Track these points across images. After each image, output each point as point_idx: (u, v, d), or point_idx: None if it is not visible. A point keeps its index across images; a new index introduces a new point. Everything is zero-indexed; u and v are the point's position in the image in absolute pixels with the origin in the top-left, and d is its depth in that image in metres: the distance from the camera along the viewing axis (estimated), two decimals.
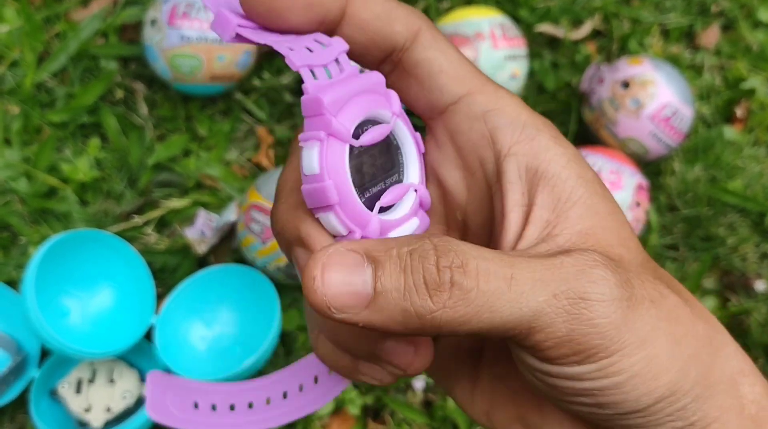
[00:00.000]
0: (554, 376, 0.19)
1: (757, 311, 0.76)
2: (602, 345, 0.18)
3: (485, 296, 0.17)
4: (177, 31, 0.71)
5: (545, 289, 0.17)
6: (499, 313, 0.17)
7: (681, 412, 0.20)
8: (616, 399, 0.19)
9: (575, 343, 0.18)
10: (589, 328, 0.18)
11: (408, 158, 0.22)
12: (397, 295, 0.17)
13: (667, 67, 0.76)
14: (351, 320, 0.17)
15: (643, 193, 0.72)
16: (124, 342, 0.65)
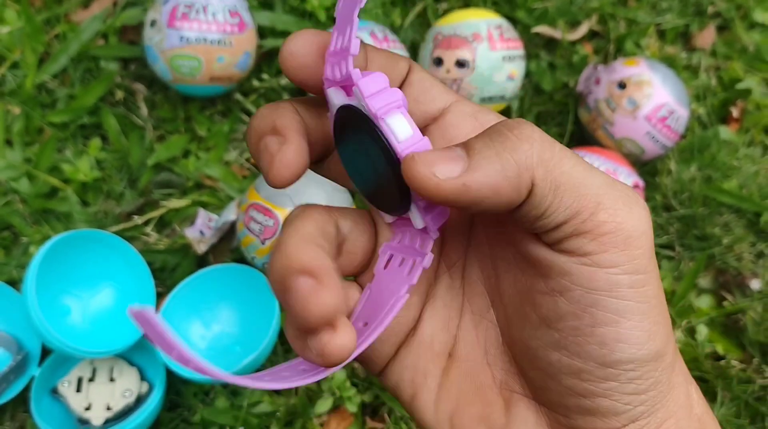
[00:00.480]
0: (592, 278, 0.20)
1: (752, 310, 0.76)
2: (642, 253, 0.20)
3: (563, 151, 0.20)
4: (177, 32, 0.72)
5: (605, 175, 0.21)
6: (580, 174, 0.20)
7: (657, 387, 0.21)
8: (627, 336, 0.20)
9: (628, 237, 0.20)
10: (638, 225, 0.20)
11: None
12: (489, 149, 0.19)
13: (663, 68, 0.77)
14: (451, 185, 0.19)
15: (639, 192, 0.73)
16: (124, 341, 0.65)
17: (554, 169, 0.20)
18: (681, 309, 0.76)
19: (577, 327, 0.20)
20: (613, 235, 0.20)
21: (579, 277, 0.20)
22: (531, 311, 0.22)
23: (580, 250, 0.20)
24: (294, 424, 0.69)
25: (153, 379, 0.68)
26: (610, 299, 0.20)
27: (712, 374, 0.74)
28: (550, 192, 0.19)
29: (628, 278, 0.20)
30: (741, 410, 0.73)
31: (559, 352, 0.21)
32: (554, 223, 0.20)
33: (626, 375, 0.20)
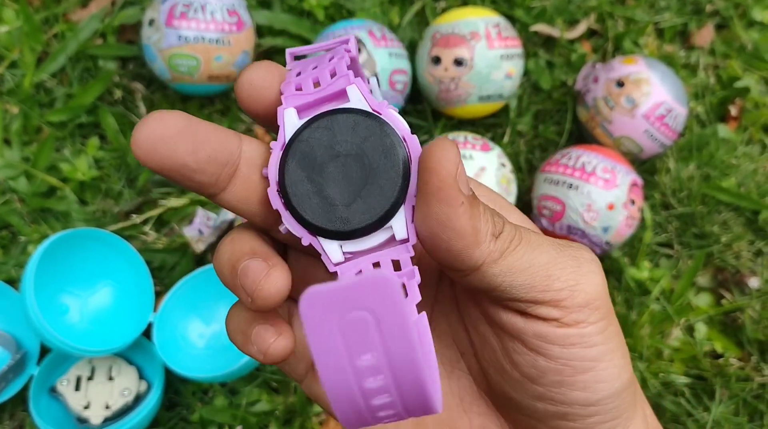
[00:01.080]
0: (565, 345, 0.21)
1: (750, 308, 0.76)
2: (600, 303, 0.21)
3: (518, 238, 0.21)
4: (175, 31, 0.72)
5: (551, 246, 0.22)
6: (528, 256, 0.21)
7: (626, 413, 0.23)
8: (603, 376, 0.22)
9: (584, 294, 0.21)
10: (589, 280, 0.21)
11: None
12: (475, 210, 0.20)
13: (662, 66, 0.77)
14: (458, 192, 0.20)
15: (637, 190, 0.73)
16: (122, 339, 0.65)
17: (510, 256, 0.21)
18: (679, 307, 0.76)
19: (560, 380, 0.22)
20: (572, 298, 0.21)
21: (554, 337, 0.21)
22: (511, 369, 0.23)
23: (547, 315, 0.21)
24: (293, 423, 0.70)
25: (152, 378, 0.68)
26: (585, 349, 0.22)
27: (711, 372, 0.74)
28: (501, 274, 0.21)
29: (595, 327, 0.22)
30: (739, 408, 0.73)
31: (544, 402, 0.22)
32: (512, 296, 0.21)
33: (607, 407, 0.22)
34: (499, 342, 0.23)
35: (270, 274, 0.20)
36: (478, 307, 0.23)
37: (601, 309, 0.22)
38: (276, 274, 0.20)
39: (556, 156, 0.76)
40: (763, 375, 0.74)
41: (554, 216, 0.72)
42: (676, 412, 0.73)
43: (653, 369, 0.74)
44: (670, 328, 0.76)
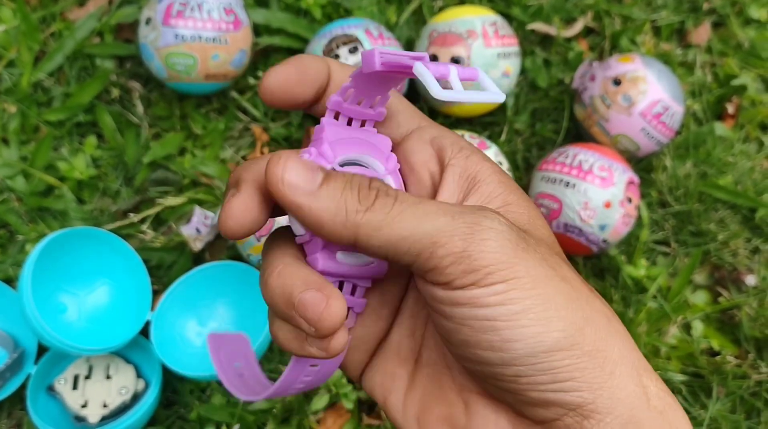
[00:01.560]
0: (456, 304, 0.22)
1: (747, 305, 0.77)
2: (495, 268, 0.21)
3: (399, 208, 0.21)
4: (172, 30, 0.72)
5: (446, 213, 0.22)
6: (408, 225, 0.21)
7: (583, 374, 0.22)
8: (515, 335, 0.21)
9: (471, 260, 0.21)
10: (482, 247, 0.21)
11: None
12: (335, 191, 0.21)
13: (658, 65, 0.77)
14: (295, 200, 0.21)
15: (633, 188, 0.73)
16: (120, 338, 0.66)
17: (383, 229, 0.22)
18: (676, 305, 0.76)
19: (464, 340, 0.22)
20: (456, 265, 0.21)
21: (442, 298, 0.22)
22: (435, 332, 0.25)
23: (435, 280, 0.22)
24: (290, 422, 0.70)
25: (149, 377, 0.69)
26: (476, 309, 0.22)
27: (708, 370, 0.74)
28: (383, 245, 0.22)
29: (487, 289, 0.21)
30: (736, 406, 0.73)
31: (469, 363, 0.23)
32: (404, 262, 0.22)
33: (536, 367, 0.22)
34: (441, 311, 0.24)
35: (330, 306, 0.22)
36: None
37: (496, 273, 0.21)
38: (334, 304, 0.22)
39: (552, 154, 0.76)
40: (760, 372, 0.74)
41: (551, 214, 0.73)
42: None
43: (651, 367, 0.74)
44: (667, 325, 0.76)
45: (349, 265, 0.24)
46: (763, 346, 0.76)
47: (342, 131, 0.25)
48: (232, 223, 0.22)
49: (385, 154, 0.25)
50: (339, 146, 0.24)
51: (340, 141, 0.24)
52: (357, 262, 0.24)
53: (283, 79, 0.24)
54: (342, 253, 0.24)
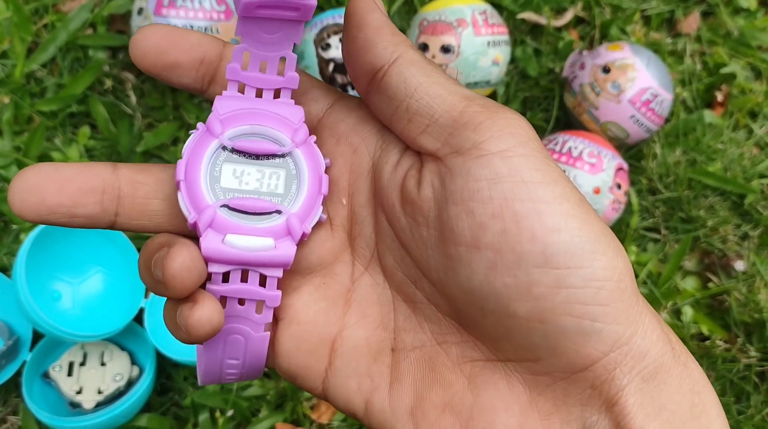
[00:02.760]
0: (496, 176, 0.20)
1: (737, 291, 0.77)
2: (524, 145, 0.21)
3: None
4: (164, 20, 0.72)
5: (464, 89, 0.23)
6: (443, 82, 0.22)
7: (622, 302, 0.20)
8: (557, 223, 0.19)
9: (501, 111, 0.21)
10: (512, 120, 0.21)
11: (301, 191, 0.23)
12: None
13: (647, 52, 0.77)
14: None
15: (623, 174, 0.74)
16: (114, 325, 0.66)
17: (419, 62, 0.22)
18: (666, 291, 0.77)
19: (503, 229, 0.19)
20: (491, 121, 0.20)
21: (478, 170, 0.20)
22: (454, 247, 0.20)
23: (467, 142, 0.20)
24: (284, 408, 0.70)
25: (143, 363, 0.69)
26: (520, 185, 0.19)
27: (698, 354, 0.75)
28: (417, 73, 0.21)
29: (524, 159, 0.20)
30: (726, 389, 0.74)
31: (498, 273, 0.20)
32: (427, 108, 0.21)
33: (576, 274, 0.19)
34: (434, 222, 0.21)
35: (169, 253, 0.20)
36: (407, 199, 0.22)
37: (527, 144, 0.20)
38: (174, 250, 0.20)
39: (542, 142, 0.76)
40: (749, 356, 0.75)
41: None
42: None
43: None
44: (657, 311, 0.77)
45: (240, 249, 0.21)
46: (752, 331, 0.76)
47: (244, 103, 0.23)
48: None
49: (294, 126, 0.23)
50: (233, 120, 0.22)
51: (235, 114, 0.22)
52: (251, 246, 0.22)
53: (158, 36, 0.22)
54: (233, 236, 0.22)
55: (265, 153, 0.23)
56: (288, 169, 0.23)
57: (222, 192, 0.22)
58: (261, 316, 0.23)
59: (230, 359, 0.23)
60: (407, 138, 0.22)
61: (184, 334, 0.21)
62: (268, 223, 0.22)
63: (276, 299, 0.22)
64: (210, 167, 0.22)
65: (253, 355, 0.23)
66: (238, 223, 0.22)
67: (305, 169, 0.23)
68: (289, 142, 0.23)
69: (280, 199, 0.23)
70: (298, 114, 0.23)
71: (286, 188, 0.23)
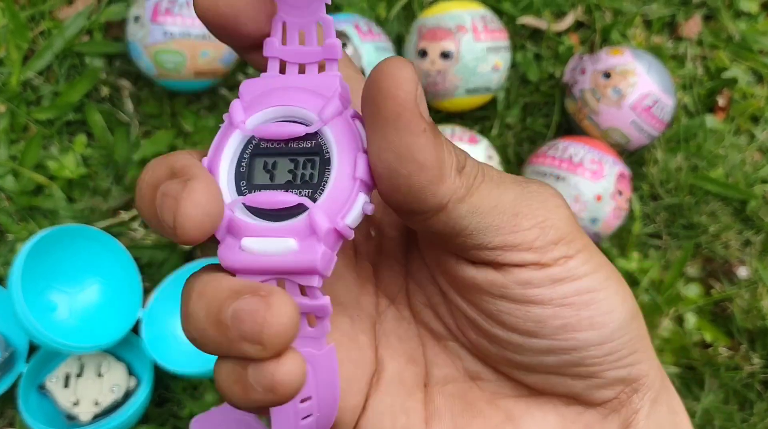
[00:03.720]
0: (554, 282, 0.20)
1: (739, 297, 0.77)
2: (572, 236, 0.20)
3: (481, 178, 0.20)
4: (160, 27, 0.72)
5: (515, 182, 0.21)
6: (493, 193, 0.20)
7: (643, 344, 0.21)
8: (611, 305, 0.20)
9: (556, 229, 0.20)
10: (558, 215, 0.20)
11: (331, 177, 0.19)
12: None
13: (648, 57, 0.77)
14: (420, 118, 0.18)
15: (624, 181, 0.73)
16: (111, 336, 0.65)
17: (474, 194, 0.19)
18: (669, 297, 0.76)
19: (563, 324, 0.20)
20: (543, 236, 0.20)
21: (540, 279, 0.20)
22: (506, 333, 0.21)
23: (522, 261, 0.20)
24: None
25: (141, 374, 0.68)
26: (576, 282, 0.20)
27: (700, 362, 0.74)
28: (467, 214, 0.19)
29: (578, 259, 0.20)
30: (729, 397, 0.74)
31: (556, 355, 0.20)
32: (480, 242, 0.19)
33: (621, 340, 0.21)
34: (487, 306, 0.20)
35: (271, 305, 0.16)
36: (456, 276, 0.21)
37: (575, 241, 0.20)
38: (277, 302, 0.16)
39: (543, 148, 0.76)
40: (752, 364, 0.74)
41: None
42: None
43: None
44: (660, 318, 0.76)
45: (258, 255, 0.18)
46: (756, 338, 0.76)
47: (272, 82, 0.20)
48: (200, 213, 0.17)
49: (326, 96, 0.19)
50: (258, 104, 0.19)
51: (262, 97, 0.19)
52: (269, 249, 0.18)
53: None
54: (249, 239, 0.18)
55: (289, 137, 0.19)
56: (321, 153, 0.19)
57: (248, 190, 0.19)
58: (316, 328, 0.19)
59: (302, 402, 0.19)
60: (448, 249, 0.21)
61: (262, 395, 0.17)
62: (291, 222, 0.18)
63: (326, 308, 0.19)
64: (235, 163, 0.19)
65: (326, 383, 0.20)
66: (255, 224, 0.18)
67: (334, 149, 0.19)
68: (316, 118, 0.19)
69: (311, 192, 0.19)
70: (332, 83, 0.19)
71: (320, 177, 0.19)
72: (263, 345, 0.16)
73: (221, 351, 0.17)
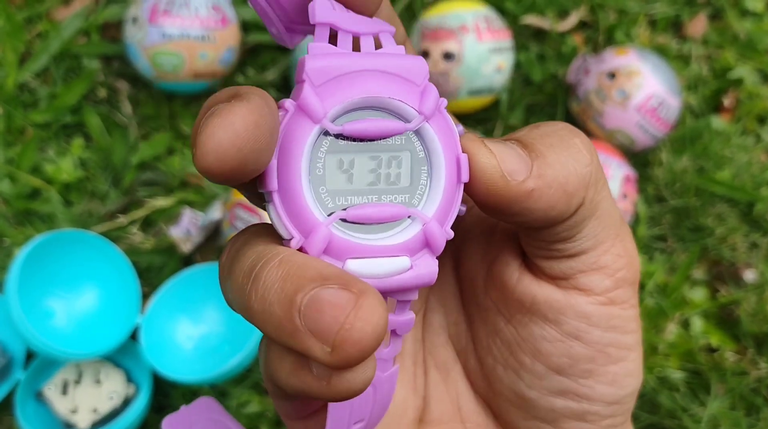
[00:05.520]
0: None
1: (746, 301, 0.76)
2: (636, 294, 0.20)
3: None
4: (158, 28, 0.71)
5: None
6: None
7: (623, 426, 0.21)
8: (619, 370, 0.20)
9: (634, 268, 0.20)
10: (638, 266, 0.20)
11: (434, 181, 0.17)
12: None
13: (653, 57, 0.76)
14: (518, 190, 0.17)
15: (630, 184, 0.72)
16: (109, 342, 0.64)
17: (600, 193, 0.18)
18: (674, 301, 0.75)
19: (591, 369, 0.20)
20: (627, 269, 0.19)
21: (598, 317, 0.19)
22: (532, 361, 0.20)
23: (596, 287, 0.19)
24: (283, 425, 0.69)
25: (139, 381, 0.67)
26: (624, 335, 0.20)
27: (707, 367, 0.73)
28: (590, 216, 0.18)
29: (635, 312, 0.20)
30: (736, 403, 0.73)
31: (566, 398, 0.20)
32: (578, 249, 0.18)
33: (624, 407, 0.20)
34: (521, 331, 0.20)
35: (362, 307, 0.14)
36: (496, 292, 0.20)
37: (637, 294, 0.20)
38: (369, 305, 0.14)
39: None
40: (759, 368, 0.73)
41: None
42: (672, 407, 0.72)
43: (649, 364, 0.73)
44: (666, 322, 0.75)
45: (368, 278, 0.16)
46: (763, 342, 0.75)
47: (345, 60, 0.16)
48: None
49: (419, 87, 0.16)
50: (334, 89, 0.16)
51: (337, 80, 0.16)
52: (381, 272, 0.16)
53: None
54: (355, 262, 0.16)
55: (388, 135, 0.16)
56: (413, 150, 0.17)
57: (330, 197, 0.16)
58: (389, 349, 0.18)
59: (355, 425, 0.18)
60: (535, 254, 0.19)
61: (324, 390, 0.15)
62: (400, 236, 0.16)
63: (409, 325, 0.17)
64: (311, 165, 0.16)
65: (381, 406, 0.18)
66: (359, 242, 0.16)
67: (439, 150, 0.17)
68: (415, 113, 0.16)
69: (407, 197, 0.17)
70: (421, 68, 0.17)
71: (413, 178, 0.17)
72: (334, 348, 0.14)
73: (278, 336, 0.14)
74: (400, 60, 0.16)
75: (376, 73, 0.16)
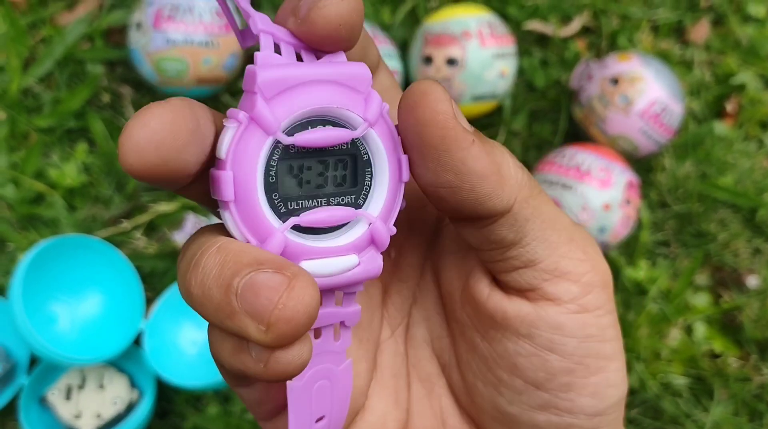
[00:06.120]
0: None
1: (749, 307, 0.76)
2: (611, 299, 0.20)
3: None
4: (162, 34, 0.71)
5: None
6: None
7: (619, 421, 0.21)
8: (600, 381, 0.20)
9: (600, 271, 0.20)
10: (606, 269, 0.20)
11: (377, 182, 0.18)
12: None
13: (656, 63, 0.76)
14: (462, 133, 0.17)
15: (633, 190, 0.72)
16: (113, 348, 0.64)
17: (537, 198, 0.18)
18: (677, 307, 0.75)
19: (569, 382, 0.19)
20: (593, 273, 0.19)
21: (572, 327, 0.19)
22: (510, 377, 0.20)
23: (565, 294, 0.19)
24: None
25: (143, 386, 0.67)
26: (602, 344, 0.19)
27: (710, 372, 0.73)
28: (531, 217, 0.18)
29: (611, 318, 0.19)
30: (739, 408, 0.73)
31: (548, 413, 0.20)
32: (532, 255, 0.18)
33: (608, 418, 0.20)
34: (497, 346, 0.20)
35: (294, 289, 0.15)
36: (471, 307, 0.20)
37: (611, 301, 0.19)
38: (300, 287, 0.15)
39: (550, 155, 0.75)
40: (763, 374, 0.73)
41: None
42: (675, 413, 0.72)
43: (652, 370, 0.73)
44: (669, 328, 0.75)
45: (320, 277, 0.17)
46: (766, 348, 0.75)
47: (293, 71, 0.17)
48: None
49: (363, 94, 0.17)
50: (285, 100, 0.16)
51: (287, 90, 0.16)
52: (332, 270, 0.17)
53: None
54: (309, 262, 0.17)
55: (337, 143, 0.17)
56: (357, 154, 0.18)
57: (282, 202, 0.17)
58: (340, 342, 0.19)
59: (318, 422, 0.19)
60: (495, 268, 0.19)
61: (261, 370, 0.16)
62: (348, 236, 0.18)
63: (356, 316, 0.18)
64: (265, 174, 0.17)
65: (340, 401, 0.19)
66: (312, 244, 0.17)
67: (383, 152, 0.18)
68: (360, 121, 0.17)
69: (353, 198, 0.18)
70: (365, 75, 0.17)
71: (358, 180, 0.18)
72: (268, 327, 0.15)
73: (216, 319, 0.15)
74: (344, 68, 0.17)
75: (323, 83, 0.17)
